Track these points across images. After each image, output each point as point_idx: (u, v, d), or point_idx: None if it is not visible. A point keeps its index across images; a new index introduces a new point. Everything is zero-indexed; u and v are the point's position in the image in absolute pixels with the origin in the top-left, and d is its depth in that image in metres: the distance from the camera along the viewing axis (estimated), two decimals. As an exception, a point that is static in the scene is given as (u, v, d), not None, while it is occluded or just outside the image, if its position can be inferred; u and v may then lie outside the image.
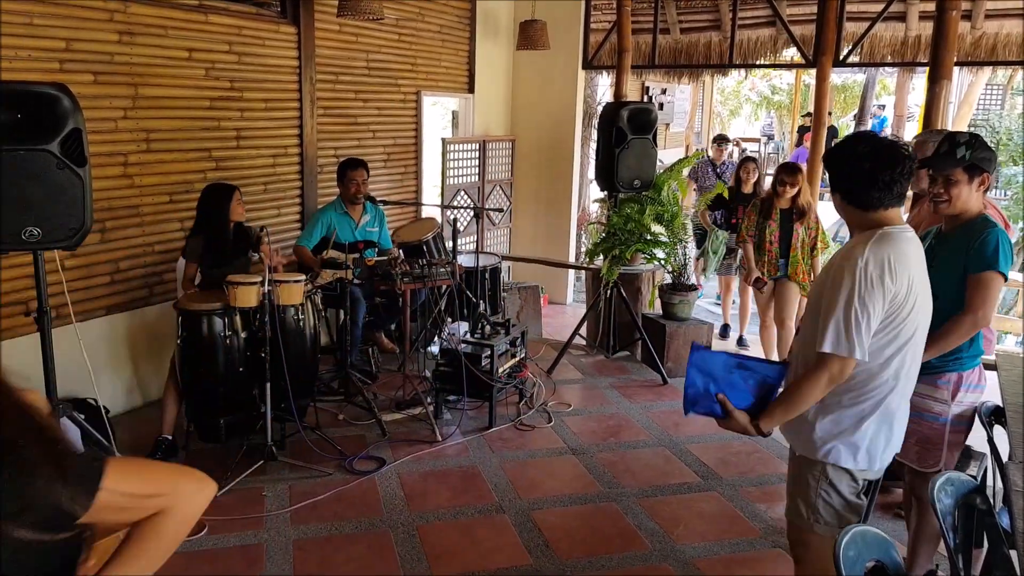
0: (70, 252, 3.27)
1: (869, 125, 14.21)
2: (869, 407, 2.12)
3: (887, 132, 11.95)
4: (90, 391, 3.59)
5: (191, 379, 3.77)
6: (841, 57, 6.26)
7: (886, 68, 10.52)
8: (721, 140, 7.79)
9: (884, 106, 15.67)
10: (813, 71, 6.24)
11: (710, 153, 7.73)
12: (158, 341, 4.46)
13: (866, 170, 2.07)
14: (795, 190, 5.10)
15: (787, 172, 5.20)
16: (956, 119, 10.94)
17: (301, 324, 3.99)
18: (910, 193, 3.84)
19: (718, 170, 7.32)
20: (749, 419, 2.16)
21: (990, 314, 2.55)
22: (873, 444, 2.15)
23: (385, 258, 4.68)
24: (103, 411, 3.53)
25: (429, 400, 4.48)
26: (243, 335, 3.81)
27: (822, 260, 5.25)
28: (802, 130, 13.57)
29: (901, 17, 6.80)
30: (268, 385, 3.69)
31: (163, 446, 3.82)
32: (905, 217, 3.59)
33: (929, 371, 2.59)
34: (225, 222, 3.99)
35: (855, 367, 2.07)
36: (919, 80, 11.10)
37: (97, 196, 3.97)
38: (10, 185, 2.65)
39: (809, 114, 14.22)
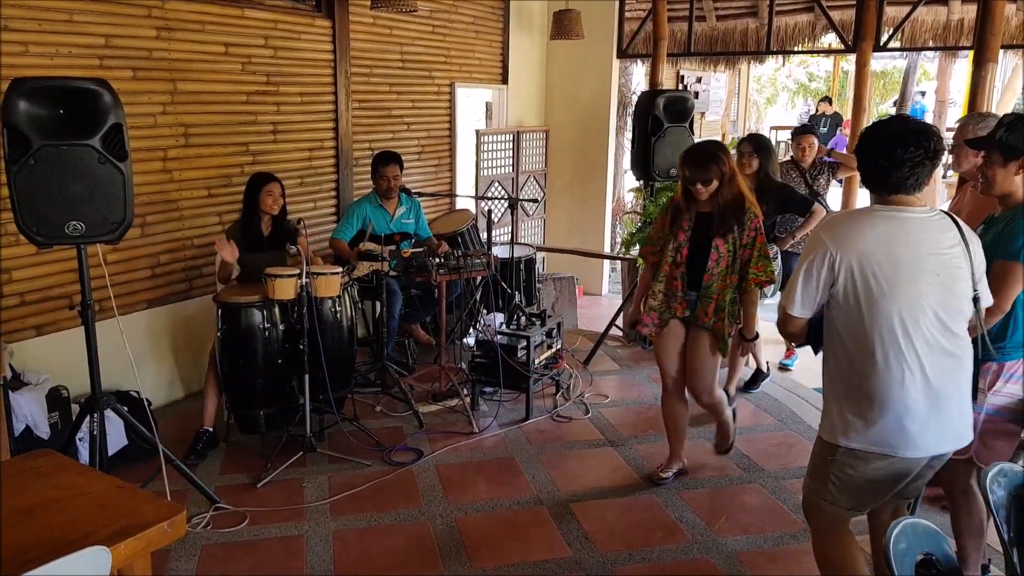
0: (112, 246, 3.30)
1: (909, 112, 13.86)
2: (873, 393, 2.14)
3: (927, 119, 11.64)
4: (133, 384, 3.64)
5: (230, 371, 3.81)
6: (882, 42, 6.09)
7: (927, 53, 10.23)
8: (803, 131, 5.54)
9: (924, 92, 15.26)
10: (852, 57, 6.09)
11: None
12: (198, 334, 4.51)
13: (877, 154, 2.13)
14: (710, 187, 3.26)
15: (693, 159, 3.29)
16: (1000, 104, 10.61)
17: (338, 316, 4.00)
18: (954, 179, 3.71)
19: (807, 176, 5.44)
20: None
21: (1008, 303, 2.44)
22: (886, 432, 2.14)
23: (421, 249, 4.68)
24: (146, 403, 3.58)
25: (465, 392, 4.48)
26: (281, 327, 3.84)
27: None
28: (813, 119, 13.25)
29: (943, 0, 6.59)
30: (306, 377, 3.71)
31: (204, 438, 3.86)
32: (947, 204, 3.50)
33: None
34: (254, 210, 4.02)
35: (800, 323, 2.27)
36: (961, 65, 10.77)
37: (138, 190, 4.01)
38: (53, 180, 2.69)
39: (826, 99, 13.87)
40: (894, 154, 2.09)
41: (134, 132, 3.93)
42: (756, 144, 4.62)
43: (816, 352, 2.36)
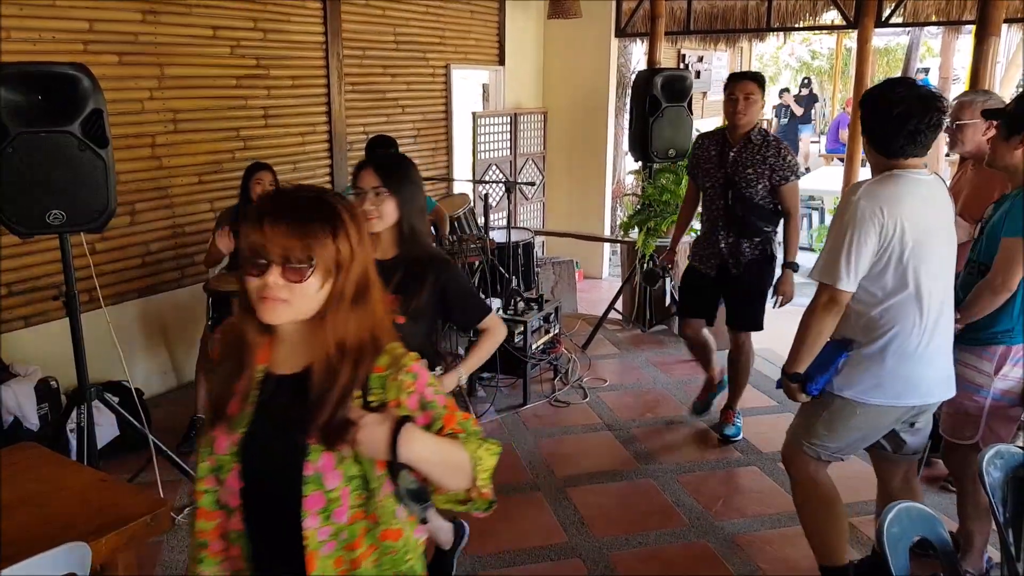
0: (100, 235, 3.25)
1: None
2: (885, 345, 2.21)
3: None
4: (123, 374, 3.61)
5: (223, 359, 3.77)
6: (884, 18, 5.98)
7: (930, 29, 10.05)
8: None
9: (928, 69, 15.09)
10: (854, 34, 5.98)
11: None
12: (190, 323, 4.47)
13: (895, 116, 2.14)
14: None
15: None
16: (1004, 80, 10.47)
17: (331, 303, 3.95)
18: (956, 157, 3.64)
19: None
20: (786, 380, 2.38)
21: (1013, 282, 2.39)
22: (892, 379, 2.23)
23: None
24: (134, 393, 3.54)
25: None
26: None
27: None
28: (776, 109, 13.05)
29: (947, -28, 6.45)
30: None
31: (198, 426, 3.83)
32: (948, 182, 3.43)
33: (976, 342, 2.51)
34: (245, 199, 3.96)
35: (847, 298, 2.19)
36: (964, 41, 10.61)
37: (126, 178, 3.99)
38: (33, 168, 2.63)
39: (786, 89, 13.59)
40: (920, 118, 2.13)
41: (120, 119, 3.89)
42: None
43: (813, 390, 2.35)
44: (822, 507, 2.45)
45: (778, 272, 3.68)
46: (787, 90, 13.10)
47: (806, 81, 13.72)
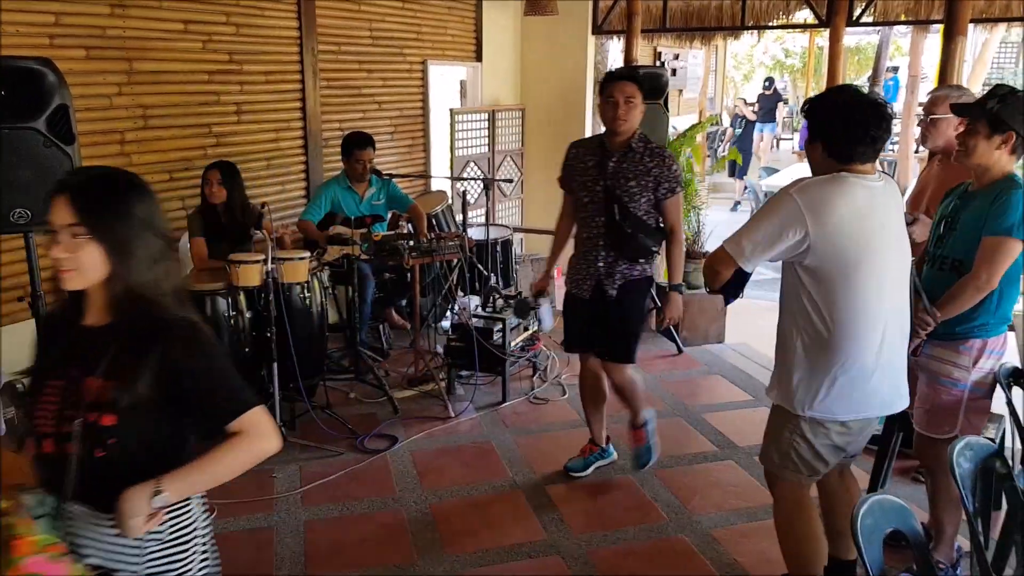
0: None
1: (882, 87, 13.87)
2: (842, 360, 2.17)
3: (901, 94, 11.64)
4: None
5: (196, 359, 3.71)
6: (855, 17, 6.05)
7: (900, 28, 10.17)
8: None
9: (897, 68, 15.31)
10: (827, 32, 6.04)
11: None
12: (164, 322, 4.40)
13: (856, 122, 2.13)
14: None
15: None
16: (971, 78, 10.64)
17: (307, 302, 3.91)
18: (924, 152, 3.65)
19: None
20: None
21: (996, 279, 2.42)
22: (847, 397, 2.20)
23: (393, 233, 4.58)
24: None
25: (441, 376, 4.42)
26: (248, 315, 3.75)
27: None
28: (734, 120, 13.04)
29: (915, -28, 6.52)
30: (275, 365, 3.62)
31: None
32: (916, 177, 3.47)
33: (952, 337, 2.53)
34: (205, 202, 3.92)
35: (733, 268, 2.18)
36: (932, 41, 10.76)
37: (95, 175, 3.90)
38: (-3, 165, 2.57)
39: (770, 81, 13.62)
40: (872, 126, 2.12)
41: (88, 114, 3.80)
42: None
43: (727, 303, 2.39)
44: (804, 533, 2.40)
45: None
46: (743, 99, 13.00)
47: (767, 83, 13.75)
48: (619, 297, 3.22)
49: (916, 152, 9.25)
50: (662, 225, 3.22)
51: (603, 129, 3.23)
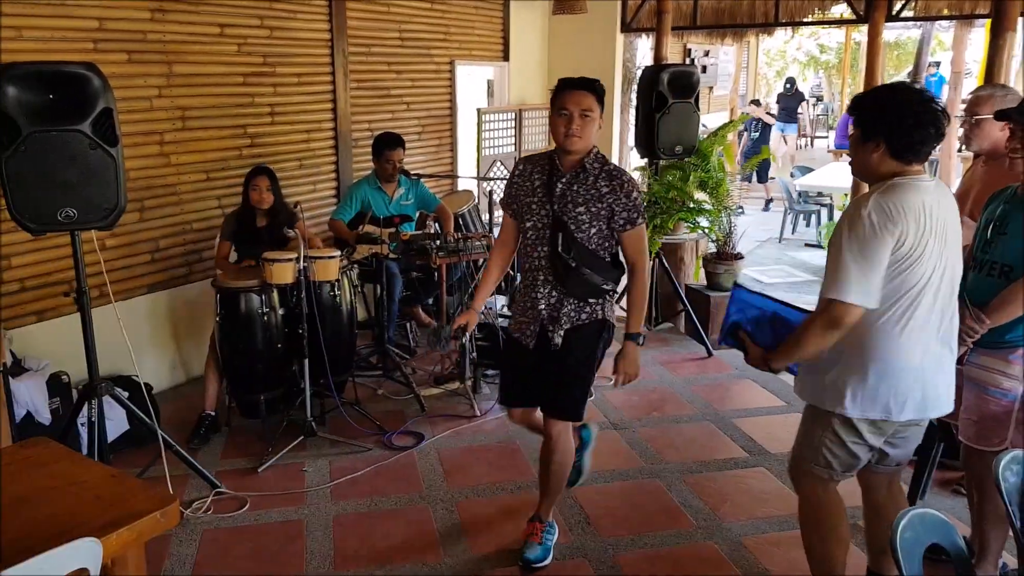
0: (109, 232, 3.28)
1: (924, 83, 13.61)
2: (876, 358, 2.15)
3: (944, 91, 11.36)
4: (133, 369, 3.63)
5: (230, 356, 3.80)
6: (895, 11, 5.95)
7: (942, 22, 9.97)
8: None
9: (939, 63, 14.98)
10: (865, 28, 5.95)
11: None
12: (199, 318, 4.50)
13: (920, 120, 2.08)
14: None
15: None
16: (1020, 75, 10.39)
17: (337, 300, 3.98)
18: (968, 153, 3.58)
19: None
20: (763, 355, 2.30)
21: None
22: (881, 397, 2.17)
23: (420, 232, 4.62)
24: (143, 388, 3.57)
25: (467, 375, 4.45)
26: (280, 312, 3.82)
27: None
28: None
29: (959, -33, 6.41)
30: (306, 361, 3.69)
31: (206, 422, 3.86)
32: (960, 178, 3.40)
33: (1001, 346, 2.45)
34: (247, 205, 3.98)
35: (859, 314, 2.09)
36: (977, 35, 10.52)
37: (135, 175, 4.02)
38: (44, 167, 2.65)
39: (755, 101, 12.50)
40: (938, 123, 2.09)
41: (130, 116, 3.91)
42: None
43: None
44: (829, 532, 2.39)
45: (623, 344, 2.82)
46: (757, 102, 12.40)
47: (789, 85, 13.38)
48: (566, 345, 2.72)
49: (959, 151, 9.07)
50: (620, 260, 2.77)
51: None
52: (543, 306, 2.73)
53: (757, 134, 11.39)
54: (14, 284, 3.68)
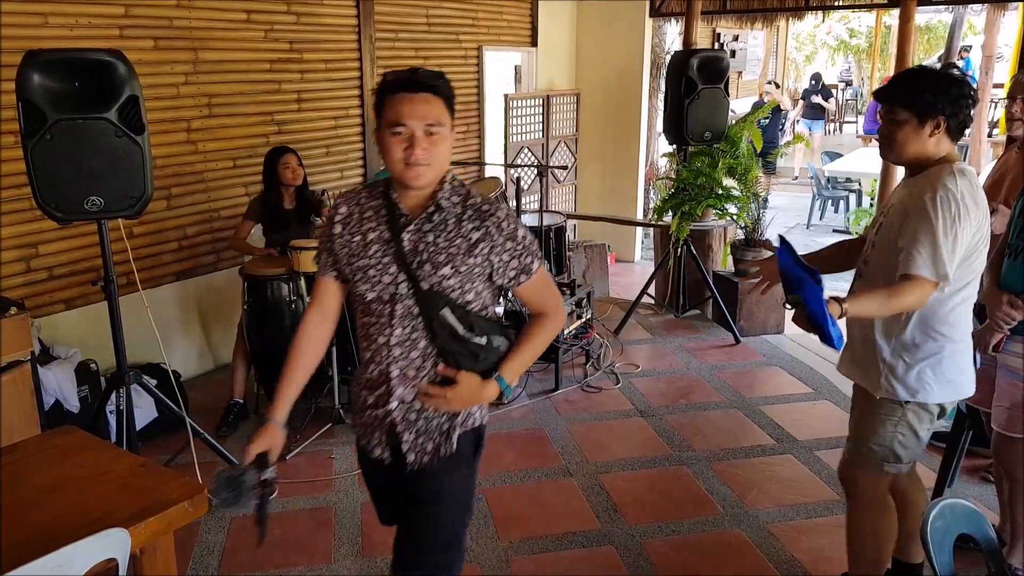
0: (136, 220, 3.29)
1: (964, 64, 13.27)
2: (955, 340, 2.16)
3: (977, 75, 11.08)
4: (161, 356, 3.67)
5: (258, 343, 3.81)
6: (928, -6, 5.80)
7: (974, 5, 9.72)
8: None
9: (971, 47, 14.60)
10: (896, 11, 5.81)
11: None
12: (227, 306, 4.53)
13: (972, 100, 2.08)
14: None
15: None
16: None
17: (364, 287, 3.97)
18: (1001, 136, 3.47)
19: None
20: (839, 301, 2.02)
21: None
22: (957, 375, 2.19)
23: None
24: (172, 376, 3.60)
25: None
26: (308, 299, 3.82)
27: None
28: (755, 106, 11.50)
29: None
30: (333, 349, 3.69)
31: (235, 410, 3.88)
32: (991, 164, 3.32)
33: None
34: (274, 185, 3.98)
35: (936, 294, 2.08)
36: (1010, 18, 10.24)
37: (162, 163, 4.03)
38: (70, 155, 2.65)
39: (772, 81, 11.67)
40: (973, 102, 2.10)
41: (156, 103, 3.92)
42: None
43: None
44: (889, 531, 2.34)
45: None
46: (774, 83, 11.71)
47: (814, 81, 12.90)
48: (430, 468, 1.82)
49: (989, 136, 8.86)
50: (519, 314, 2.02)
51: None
52: (394, 405, 1.79)
53: (767, 120, 10.80)
54: (42, 272, 3.72)
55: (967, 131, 2.13)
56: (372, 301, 1.78)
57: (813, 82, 12.93)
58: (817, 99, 12.17)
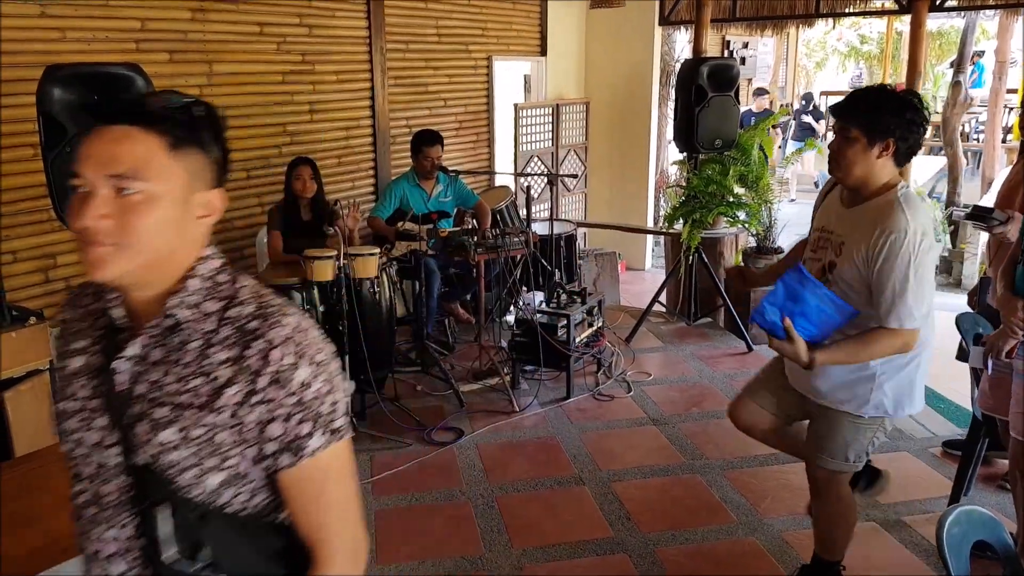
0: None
1: (968, 73, 13.20)
2: (916, 358, 2.24)
3: (987, 80, 11.03)
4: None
5: (272, 352, 3.84)
6: (938, 1, 5.79)
7: (987, 11, 9.69)
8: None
9: (983, 52, 14.52)
10: (907, 18, 5.80)
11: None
12: (241, 315, 4.55)
13: (925, 123, 2.09)
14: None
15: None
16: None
17: (377, 296, 4.00)
18: (1015, 141, 3.47)
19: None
20: (807, 352, 2.11)
21: None
22: (920, 389, 2.31)
23: (459, 228, 4.63)
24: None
25: (506, 370, 4.44)
26: (321, 308, 3.85)
27: None
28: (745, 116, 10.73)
29: (1008, -49, 6.21)
30: (347, 357, 3.72)
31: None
32: (1005, 170, 3.32)
33: None
34: (289, 194, 4.04)
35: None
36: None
37: (177, 174, 4.07)
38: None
39: (760, 90, 10.64)
40: (924, 129, 2.11)
41: (172, 115, 3.96)
42: None
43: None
44: (854, 519, 2.55)
45: None
46: (762, 91, 10.72)
47: (805, 101, 12.54)
48: None
49: (1003, 142, 8.82)
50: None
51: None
52: None
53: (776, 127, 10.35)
54: (60, 283, 3.76)
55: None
56: (74, 475, 1.10)
57: (804, 102, 12.72)
58: (808, 119, 12.01)
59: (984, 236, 3.65)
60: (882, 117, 2.07)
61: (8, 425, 2.75)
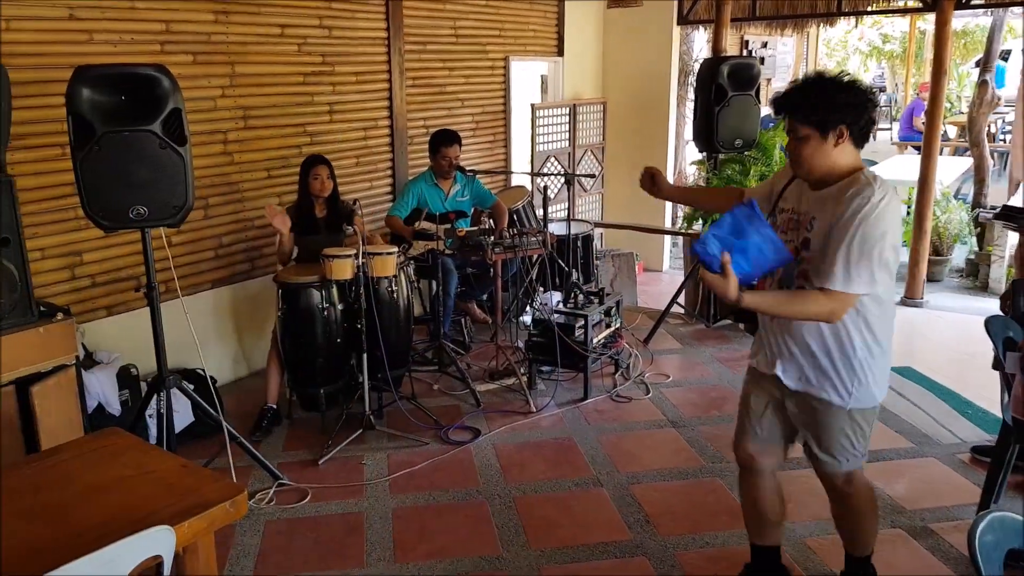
0: (176, 229, 3.37)
1: (995, 72, 13.03)
2: (886, 343, 2.25)
3: (1007, 80, 10.86)
4: (198, 362, 3.74)
5: (291, 350, 3.87)
6: (964, -1, 5.72)
7: (1014, 9, 9.56)
8: None
9: (1010, 51, 14.30)
10: (931, 16, 5.74)
11: None
12: (260, 313, 4.60)
13: (874, 104, 2.09)
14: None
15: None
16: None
17: (395, 295, 4.02)
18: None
19: None
20: (737, 289, 2.08)
21: None
22: (886, 371, 2.32)
23: (476, 228, 4.65)
24: (210, 381, 3.67)
25: (522, 371, 4.45)
26: (340, 307, 3.88)
27: None
28: None
29: (1035, -52, 6.13)
30: (364, 355, 3.74)
31: (268, 415, 3.94)
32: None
33: None
34: (307, 194, 4.07)
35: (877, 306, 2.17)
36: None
37: (200, 174, 4.12)
38: (117, 166, 2.74)
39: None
40: (873, 105, 2.10)
41: (194, 116, 3.99)
42: None
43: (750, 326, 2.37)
44: (875, 501, 2.57)
45: None
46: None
47: None
48: None
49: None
50: None
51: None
52: None
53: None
54: (86, 280, 3.81)
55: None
56: None
57: None
58: None
59: (1012, 239, 3.61)
60: (827, 107, 2.05)
61: (35, 419, 2.79)
